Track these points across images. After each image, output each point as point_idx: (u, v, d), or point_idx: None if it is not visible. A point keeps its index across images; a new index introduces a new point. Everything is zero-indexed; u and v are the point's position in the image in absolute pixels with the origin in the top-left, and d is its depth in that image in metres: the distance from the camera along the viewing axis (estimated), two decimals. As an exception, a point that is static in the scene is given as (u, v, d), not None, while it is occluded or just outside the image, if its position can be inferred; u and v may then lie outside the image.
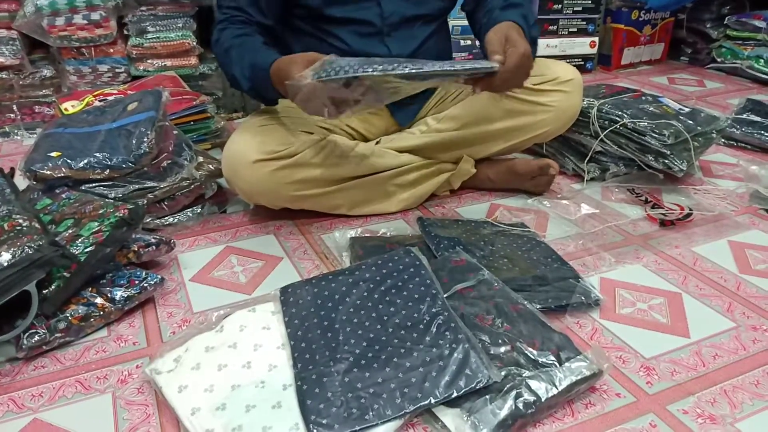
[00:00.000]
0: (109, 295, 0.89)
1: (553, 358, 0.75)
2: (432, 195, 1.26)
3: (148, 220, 1.11)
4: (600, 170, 1.32)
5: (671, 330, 0.88)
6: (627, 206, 1.22)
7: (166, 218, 1.14)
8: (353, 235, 1.10)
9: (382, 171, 1.17)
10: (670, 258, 1.06)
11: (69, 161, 1.06)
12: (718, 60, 2.28)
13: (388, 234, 1.11)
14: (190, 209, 1.18)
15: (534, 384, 0.72)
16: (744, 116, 1.58)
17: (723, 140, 1.55)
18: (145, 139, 1.07)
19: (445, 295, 0.85)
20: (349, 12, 1.10)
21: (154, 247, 0.99)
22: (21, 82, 1.68)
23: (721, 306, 0.93)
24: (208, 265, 1.05)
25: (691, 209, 1.18)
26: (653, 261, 1.05)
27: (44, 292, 0.84)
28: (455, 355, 0.75)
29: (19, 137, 1.72)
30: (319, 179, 1.10)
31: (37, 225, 0.88)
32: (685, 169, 1.25)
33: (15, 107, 1.71)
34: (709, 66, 2.32)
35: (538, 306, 0.87)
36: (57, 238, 0.89)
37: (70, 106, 1.44)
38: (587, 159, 1.32)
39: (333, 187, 1.13)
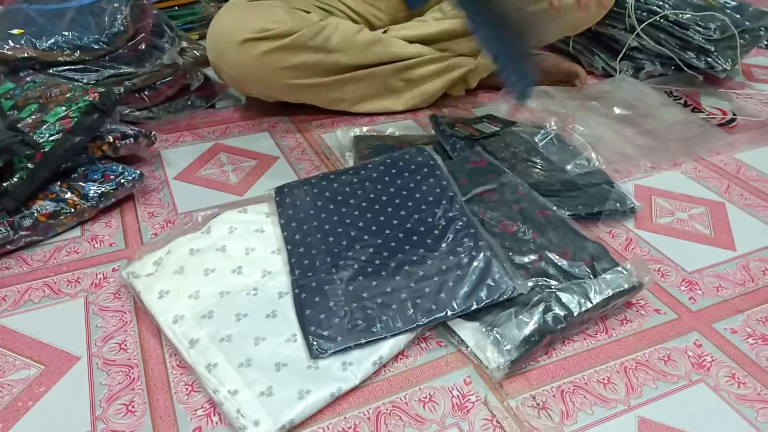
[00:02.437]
0: (81, 191, 0.78)
1: (586, 269, 0.66)
2: (445, 94, 1.13)
3: (126, 112, 0.99)
4: (633, 69, 1.19)
5: (715, 242, 0.78)
6: (664, 108, 1.09)
7: (146, 110, 1.02)
8: (357, 134, 0.98)
9: (389, 62, 1.04)
10: (710, 165, 0.95)
11: (33, 40, 0.93)
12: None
13: (397, 133, 0.99)
14: (174, 101, 1.05)
15: (565, 297, 0.63)
16: (791, 16, 1.42)
17: (766, 42, 1.40)
18: (118, 15, 0.93)
19: (463, 199, 0.75)
20: None
21: (132, 139, 0.87)
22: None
23: (768, 217, 0.83)
24: (195, 163, 0.94)
25: (734, 114, 1.05)
26: (692, 168, 0.94)
27: (4, 185, 0.73)
28: (475, 263, 0.65)
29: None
30: (318, 66, 0.97)
31: (-8, 108, 0.76)
32: (728, 68, 1.12)
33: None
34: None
35: (568, 213, 0.77)
36: (19, 125, 0.77)
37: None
38: (620, 56, 1.18)
39: (333, 77, 1.00)
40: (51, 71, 0.94)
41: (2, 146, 0.70)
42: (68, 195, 0.78)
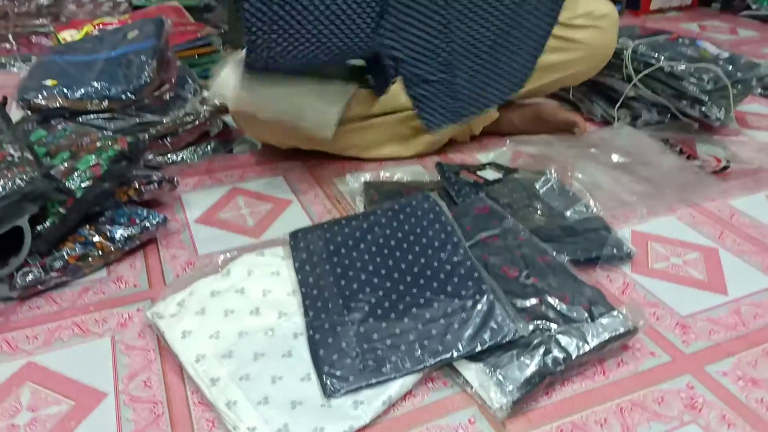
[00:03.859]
0: (108, 234, 0.84)
1: (584, 312, 0.70)
2: (451, 140, 1.19)
3: (150, 157, 1.04)
4: (631, 117, 1.24)
5: (708, 287, 0.82)
6: (660, 156, 1.14)
7: (168, 156, 1.08)
8: (368, 179, 1.03)
9: (398, 111, 1.09)
10: (705, 211, 0.99)
11: (65, 90, 0.99)
12: (753, 7, 2.15)
13: (405, 179, 1.05)
14: (195, 147, 1.11)
15: (564, 340, 0.66)
16: (783, 65, 1.48)
17: (760, 90, 1.45)
18: (146, 69, 1.00)
19: (467, 244, 0.79)
20: None
21: (156, 184, 0.93)
22: (16, 10, 1.59)
23: (760, 263, 0.87)
24: (214, 206, 0.99)
25: (728, 161, 1.10)
26: (688, 214, 0.98)
27: (38, 228, 0.78)
28: (479, 306, 0.69)
29: (15, 69, 1.63)
30: None
31: (29, 156, 0.81)
32: (722, 117, 1.17)
33: (11, 37, 1.62)
34: (742, 13, 2.19)
35: (567, 258, 0.81)
36: (52, 171, 0.82)
37: (69, 36, 1.36)
38: (618, 105, 1.24)
39: (345, 126, 1.06)
40: (80, 119, 1.00)
41: (39, 193, 0.76)
42: (96, 238, 0.83)
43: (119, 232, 0.84)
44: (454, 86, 1.06)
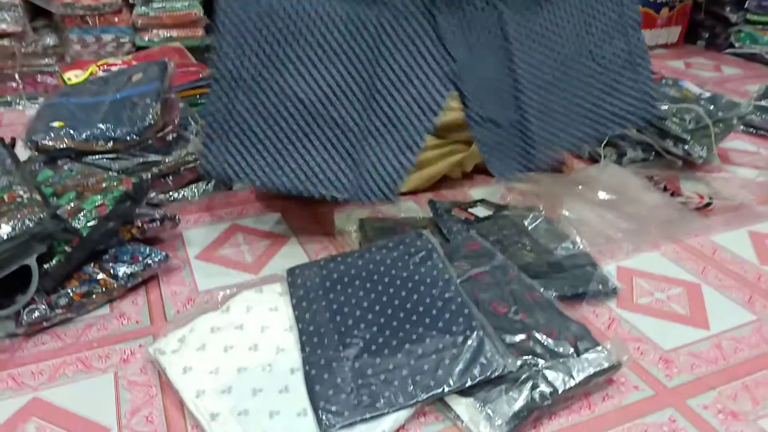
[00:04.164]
0: (111, 272, 0.86)
1: (570, 348, 0.73)
2: (444, 177, 1.23)
3: (152, 195, 1.07)
4: (617, 155, 1.29)
5: (690, 321, 0.85)
6: (645, 193, 1.18)
7: (170, 193, 1.11)
8: (363, 216, 1.07)
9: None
10: (688, 247, 1.03)
11: (72, 132, 1.03)
12: (737, 45, 2.22)
13: (399, 215, 1.08)
14: (195, 185, 1.15)
15: (551, 375, 0.69)
16: (763, 103, 1.53)
17: (742, 127, 1.51)
18: (150, 111, 1.04)
19: (458, 280, 0.82)
20: None
21: (158, 222, 0.96)
22: (23, 50, 1.63)
23: (741, 298, 0.90)
24: (214, 243, 1.02)
25: (711, 198, 1.14)
26: (672, 250, 1.02)
27: (45, 266, 0.81)
28: (469, 342, 0.72)
29: (20, 107, 1.68)
30: None
31: (38, 197, 0.85)
32: (704, 155, 1.21)
33: (17, 76, 1.67)
34: (726, 51, 2.26)
35: (554, 294, 0.84)
36: (58, 211, 0.86)
37: (74, 76, 1.40)
38: (604, 143, 1.28)
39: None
40: (86, 159, 1.03)
41: (47, 233, 0.79)
42: (100, 276, 0.86)
43: (122, 270, 0.87)
44: (526, 130, 0.98)
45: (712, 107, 1.26)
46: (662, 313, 0.86)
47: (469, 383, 0.68)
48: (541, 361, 0.71)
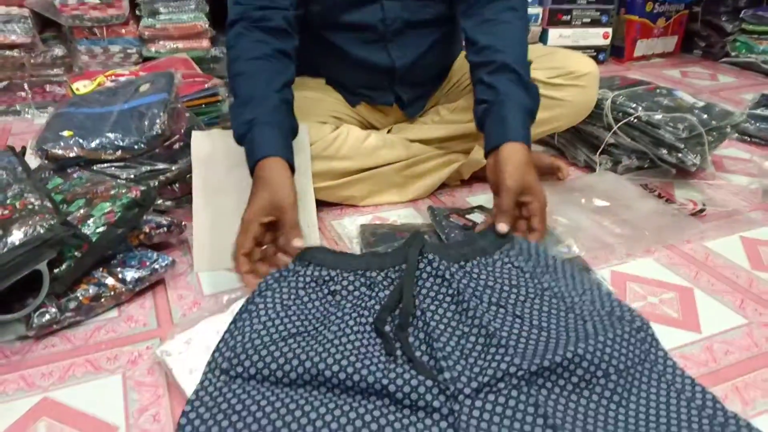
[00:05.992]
0: (120, 276, 0.89)
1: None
2: (442, 184, 1.25)
3: (159, 202, 1.11)
4: (612, 163, 1.31)
5: (682, 325, 0.87)
6: (640, 200, 1.21)
7: (176, 201, 1.14)
8: (363, 223, 1.09)
9: (393, 162, 1.17)
10: (681, 252, 1.05)
11: (81, 141, 1.06)
12: (732, 54, 2.25)
13: (399, 222, 1.11)
14: (201, 192, 1.18)
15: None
16: (758, 111, 1.57)
17: (736, 135, 1.53)
18: (158, 121, 1.07)
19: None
20: (351, 16, 1.07)
21: (165, 229, 0.99)
22: (32, 61, 1.68)
23: (732, 302, 0.93)
24: (218, 249, 1.05)
25: (704, 204, 1.17)
26: (665, 255, 1.04)
27: (55, 271, 0.84)
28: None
29: (29, 116, 1.72)
30: (329, 172, 1.10)
31: (48, 204, 0.87)
32: (698, 163, 1.24)
33: (26, 86, 1.71)
34: (722, 60, 2.30)
35: (549, 297, 0.87)
36: (69, 218, 0.89)
37: (82, 86, 1.44)
38: (599, 151, 1.31)
39: (344, 179, 1.13)
40: (95, 167, 1.06)
41: (58, 239, 0.82)
42: (109, 280, 0.88)
43: (130, 275, 0.90)
44: None
45: (705, 116, 1.29)
46: (654, 317, 0.89)
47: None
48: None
